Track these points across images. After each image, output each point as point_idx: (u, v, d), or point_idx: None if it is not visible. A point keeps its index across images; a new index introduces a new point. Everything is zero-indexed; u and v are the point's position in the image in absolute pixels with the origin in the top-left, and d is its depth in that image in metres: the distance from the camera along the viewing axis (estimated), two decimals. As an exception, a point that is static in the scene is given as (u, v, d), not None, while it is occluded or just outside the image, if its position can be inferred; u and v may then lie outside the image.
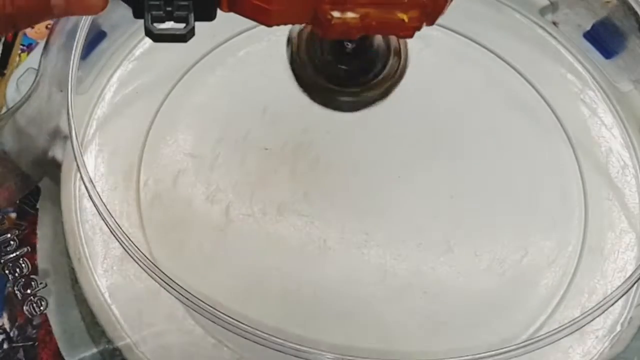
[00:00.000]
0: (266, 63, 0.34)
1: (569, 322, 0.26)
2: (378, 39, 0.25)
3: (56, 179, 0.31)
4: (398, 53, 0.25)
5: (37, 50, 0.32)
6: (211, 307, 0.25)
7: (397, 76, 0.25)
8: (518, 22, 0.36)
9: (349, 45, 0.24)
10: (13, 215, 0.34)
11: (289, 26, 0.33)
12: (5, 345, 0.32)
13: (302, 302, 0.29)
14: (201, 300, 0.25)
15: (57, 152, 0.31)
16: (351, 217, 0.31)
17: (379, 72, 0.25)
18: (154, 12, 0.19)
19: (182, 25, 0.19)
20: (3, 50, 0.39)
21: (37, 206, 0.34)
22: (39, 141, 0.31)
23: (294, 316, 0.29)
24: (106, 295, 0.28)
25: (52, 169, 0.32)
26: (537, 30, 0.36)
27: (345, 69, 0.25)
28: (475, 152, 0.33)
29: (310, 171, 0.32)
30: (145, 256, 0.26)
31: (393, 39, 0.25)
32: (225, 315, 0.25)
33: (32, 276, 0.30)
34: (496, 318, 0.29)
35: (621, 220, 0.32)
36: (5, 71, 0.38)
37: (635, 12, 0.33)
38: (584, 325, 0.26)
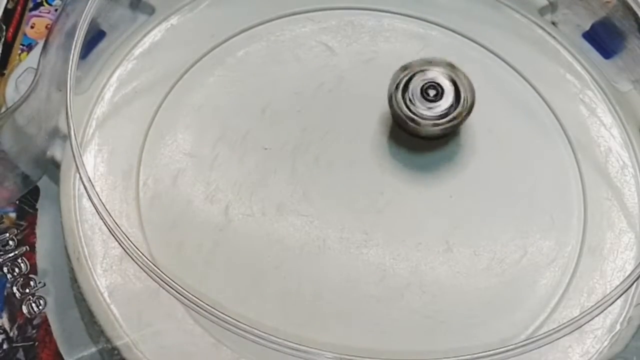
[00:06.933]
0: (266, 63, 0.34)
1: (568, 321, 0.26)
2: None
3: (55, 179, 0.31)
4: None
5: (36, 50, 0.32)
6: (210, 306, 0.25)
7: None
8: (517, 21, 0.36)
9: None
10: (12, 215, 0.34)
11: (286, 28, 0.35)
12: (5, 346, 0.32)
13: (301, 302, 0.29)
14: (200, 300, 0.25)
15: (56, 152, 0.31)
16: (350, 217, 0.31)
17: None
18: None
19: None
20: (3, 49, 0.39)
21: (37, 206, 0.34)
22: (38, 141, 0.31)
23: (293, 316, 0.29)
24: (105, 294, 0.28)
25: (51, 169, 0.32)
26: (536, 30, 0.36)
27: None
28: (474, 151, 0.33)
29: (310, 171, 0.32)
30: (145, 256, 0.26)
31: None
32: (225, 314, 0.25)
33: (30, 275, 0.30)
34: (495, 317, 0.29)
35: (620, 220, 0.32)
36: (5, 71, 0.39)
37: (635, 13, 0.33)
38: (583, 325, 0.26)
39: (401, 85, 0.31)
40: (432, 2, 0.36)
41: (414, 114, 0.31)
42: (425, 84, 0.31)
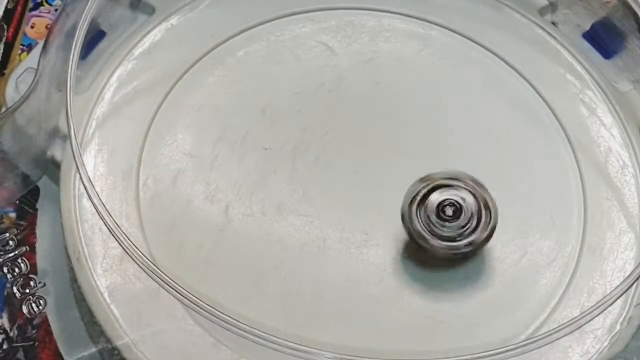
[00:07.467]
0: (266, 63, 0.34)
1: (568, 321, 0.26)
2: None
3: (55, 179, 0.31)
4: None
5: (36, 50, 0.32)
6: (210, 306, 0.25)
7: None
8: (517, 22, 0.36)
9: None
10: (12, 215, 0.34)
11: (286, 28, 0.35)
12: (5, 346, 0.32)
13: (301, 302, 0.29)
14: (200, 300, 0.25)
15: (56, 152, 0.31)
16: (351, 217, 0.31)
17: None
18: None
19: None
20: (4, 50, 0.39)
21: (37, 206, 0.34)
22: (38, 141, 0.31)
23: (293, 316, 0.29)
24: (105, 294, 0.28)
25: (51, 169, 0.32)
26: (536, 30, 0.36)
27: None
28: (474, 151, 0.33)
29: (310, 171, 0.32)
30: (145, 256, 0.26)
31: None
32: (225, 314, 0.25)
33: (30, 275, 0.30)
34: (495, 318, 0.29)
35: (620, 220, 0.31)
36: (5, 71, 0.39)
37: (635, 13, 0.33)
38: (583, 325, 0.26)
39: (417, 199, 0.28)
40: (432, 2, 0.36)
41: (426, 231, 0.28)
42: (444, 200, 0.28)
